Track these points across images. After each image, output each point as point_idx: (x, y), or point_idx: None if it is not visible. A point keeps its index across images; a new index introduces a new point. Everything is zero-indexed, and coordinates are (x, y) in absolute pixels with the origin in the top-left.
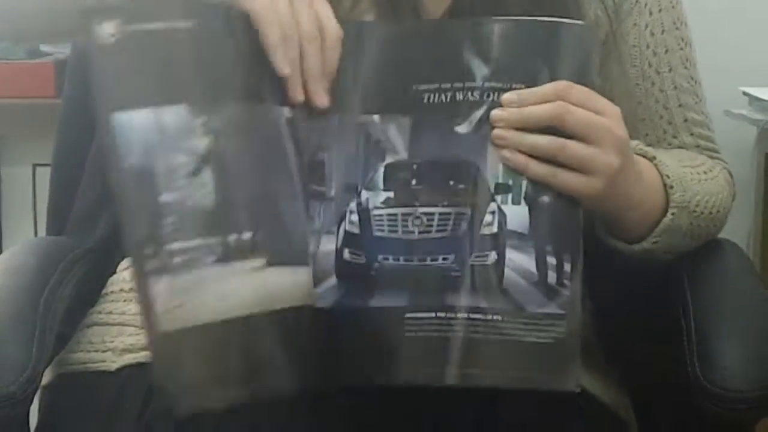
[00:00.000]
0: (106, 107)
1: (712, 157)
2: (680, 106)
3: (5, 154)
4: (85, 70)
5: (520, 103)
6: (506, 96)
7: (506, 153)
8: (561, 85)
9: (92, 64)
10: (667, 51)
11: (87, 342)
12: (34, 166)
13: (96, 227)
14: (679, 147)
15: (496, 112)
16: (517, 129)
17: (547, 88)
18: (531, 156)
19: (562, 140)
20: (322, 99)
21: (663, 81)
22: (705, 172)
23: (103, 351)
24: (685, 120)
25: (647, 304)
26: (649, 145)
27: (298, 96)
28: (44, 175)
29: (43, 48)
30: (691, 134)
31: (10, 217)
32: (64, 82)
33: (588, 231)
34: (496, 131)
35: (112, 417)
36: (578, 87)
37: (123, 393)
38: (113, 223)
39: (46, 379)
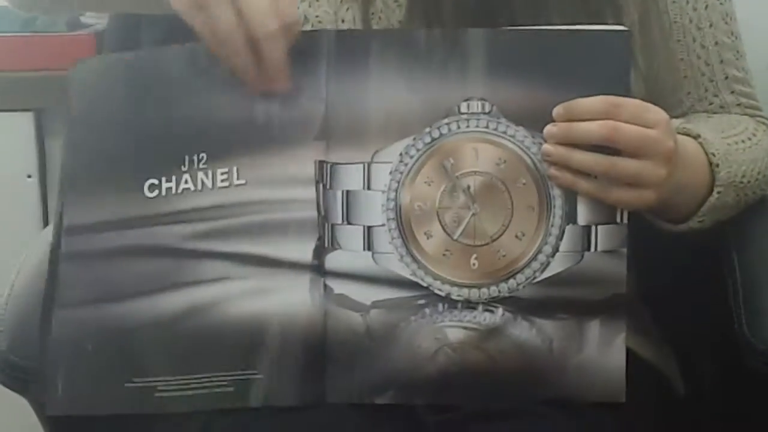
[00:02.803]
0: None
1: (753, 116)
2: (721, 62)
3: (49, 126)
4: (122, 41)
5: (568, 116)
6: (555, 109)
7: (554, 171)
8: (610, 100)
9: None
10: (707, 6)
11: None
12: None
13: None
14: (721, 107)
15: (547, 128)
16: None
17: (596, 102)
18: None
19: (610, 159)
20: (281, 86)
21: (704, 36)
22: (749, 138)
23: None
24: (726, 77)
25: (692, 263)
26: (690, 104)
27: (255, 91)
28: None
29: (84, 19)
30: (732, 92)
31: (55, 190)
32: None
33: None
34: (544, 147)
35: None
36: (626, 101)
37: None
38: None
39: None
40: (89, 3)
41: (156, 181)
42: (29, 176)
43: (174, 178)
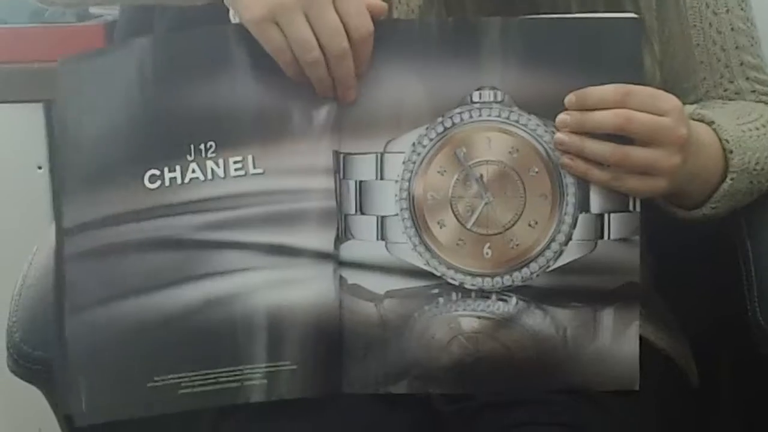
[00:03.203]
0: None
1: None
2: (737, 48)
3: None
4: (134, 32)
5: (580, 105)
6: (567, 97)
7: (567, 160)
8: (622, 88)
9: None
10: None
11: None
12: None
13: None
14: (736, 93)
15: (560, 117)
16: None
17: (608, 90)
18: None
19: (623, 149)
20: (349, 97)
21: (720, 22)
22: (763, 125)
23: None
24: (741, 63)
25: (706, 250)
26: (705, 90)
27: (325, 95)
28: None
29: (93, 10)
30: (747, 78)
31: None
32: (115, 43)
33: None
34: (557, 136)
35: None
36: (639, 89)
37: None
38: None
39: None
40: None
41: (157, 172)
42: (39, 167)
43: (178, 167)
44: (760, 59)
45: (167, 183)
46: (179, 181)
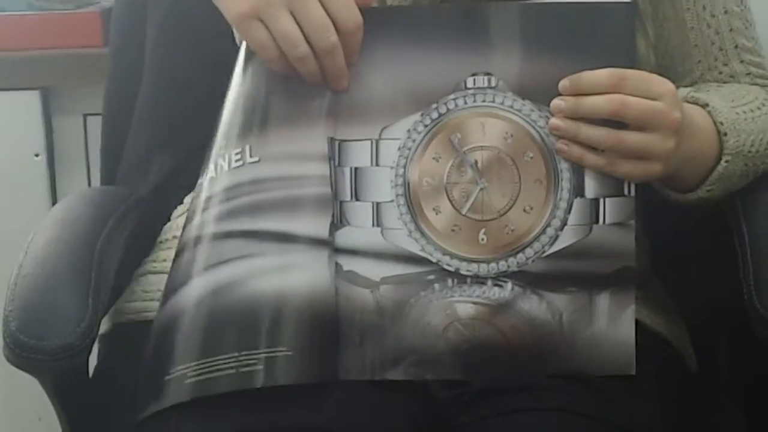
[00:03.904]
0: None
1: (764, 86)
2: (731, 30)
3: (55, 105)
4: (129, 18)
5: (574, 89)
6: (561, 82)
7: (561, 145)
8: (615, 73)
9: None
10: None
11: (142, 291)
12: (85, 116)
13: (148, 175)
14: (730, 75)
15: (554, 102)
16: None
17: (601, 74)
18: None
19: (617, 133)
20: (341, 87)
21: (714, 5)
22: (758, 108)
23: (158, 300)
24: (736, 46)
25: (703, 234)
26: (700, 74)
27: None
28: (95, 124)
29: None
30: (742, 61)
31: (62, 168)
32: (110, 31)
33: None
34: (552, 121)
35: None
36: (632, 74)
37: None
38: (165, 171)
39: (102, 329)
40: None
41: (201, 179)
42: (36, 155)
43: (205, 171)
44: (754, 42)
45: (199, 187)
46: (203, 183)
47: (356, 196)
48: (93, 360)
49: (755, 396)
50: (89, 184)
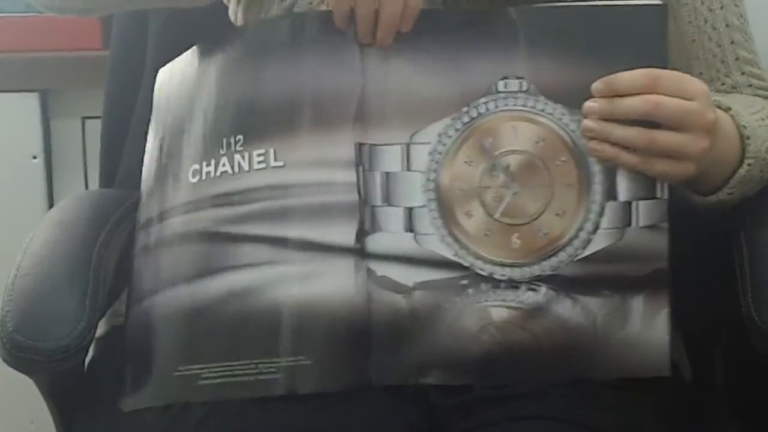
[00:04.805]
0: None
1: (765, 97)
2: (732, 43)
3: (54, 107)
4: (130, 21)
5: (608, 91)
6: (594, 84)
7: (594, 144)
8: (650, 73)
9: None
10: None
11: None
12: (83, 119)
13: None
14: (732, 87)
15: (587, 104)
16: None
17: (636, 75)
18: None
19: (651, 133)
20: (386, 41)
21: (715, 18)
22: (765, 117)
23: None
24: (737, 58)
25: (700, 245)
26: None
27: (365, 41)
28: (93, 127)
29: None
30: (743, 73)
31: (60, 171)
32: (111, 34)
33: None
34: (585, 122)
35: None
36: (667, 74)
37: None
38: None
39: (99, 331)
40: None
41: (198, 166)
42: (34, 157)
43: (213, 161)
44: (754, 54)
45: (203, 177)
46: (212, 174)
47: (388, 200)
48: None
49: (750, 406)
50: (86, 187)
